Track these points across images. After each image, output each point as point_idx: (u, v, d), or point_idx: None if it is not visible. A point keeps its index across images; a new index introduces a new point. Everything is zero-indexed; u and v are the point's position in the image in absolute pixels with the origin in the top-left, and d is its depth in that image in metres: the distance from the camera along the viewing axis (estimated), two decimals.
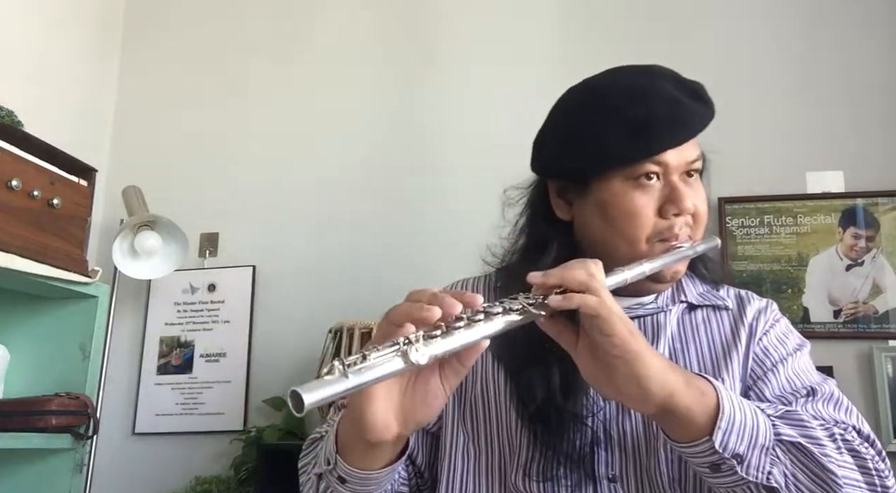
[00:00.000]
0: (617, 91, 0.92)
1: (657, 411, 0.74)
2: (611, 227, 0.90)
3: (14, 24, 2.17)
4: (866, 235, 2.00)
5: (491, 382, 0.93)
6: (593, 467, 0.87)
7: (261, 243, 2.35)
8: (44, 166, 1.80)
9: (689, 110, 0.90)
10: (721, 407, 0.74)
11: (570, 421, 0.86)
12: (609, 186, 0.90)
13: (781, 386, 0.89)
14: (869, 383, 1.90)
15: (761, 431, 0.75)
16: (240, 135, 2.47)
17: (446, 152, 2.29)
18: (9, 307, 1.96)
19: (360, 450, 0.77)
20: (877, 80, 2.10)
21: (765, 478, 0.74)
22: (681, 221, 0.90)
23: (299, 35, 2.51)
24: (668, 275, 0.91)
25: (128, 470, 2.23)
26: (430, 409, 0.72)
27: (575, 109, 0.95)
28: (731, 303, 0.98)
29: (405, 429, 0.73)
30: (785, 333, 0.97)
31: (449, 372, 0.72)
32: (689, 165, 0.91)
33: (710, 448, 0.73)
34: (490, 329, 0.69)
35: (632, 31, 2.27)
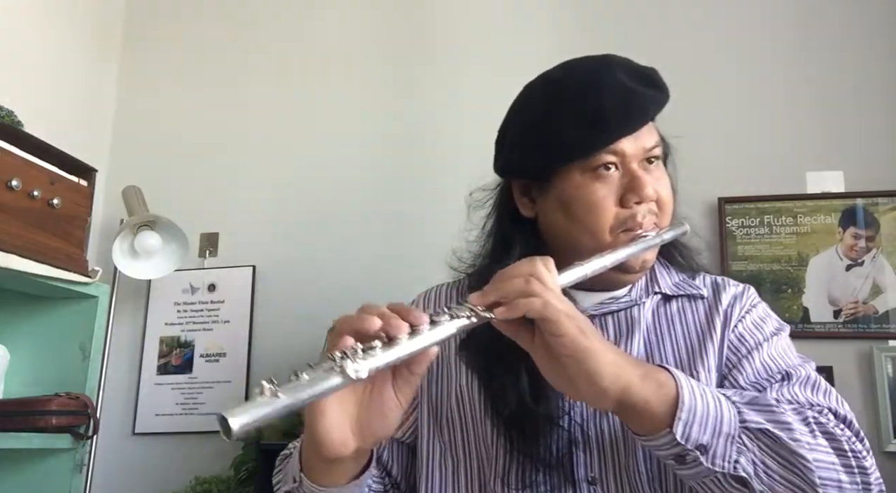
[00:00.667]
0: (569, 84, 0.92)
1: (615, 406, 0.73)
2: (573, 221, 0.90)
3: (14, 24, 2.17)
4: (866, 235, 2.00)
5: (465, 391, 0.92)
6: (572, 469, 0.86)
7: (261, 243, 2.35)
8: (44, 166, 1.80)
9: (641, 97, 0.89)
10: (681, 398, 0.73)
11: (544, 424, 0.85)
12: (568, 180, 0.90)
13: (756, 372, 0.88)
14: (869, 383, 1.90)
15: (725, 419, 0.74)
16: (240, 135, 2.47)
17: (446, 152, 2.29)
18: (9, 307, 1.96)
19: (321, 467, 0.76)
20: (877, 80, 2.10)
21: (731, 467, 0.73)
22: (643, 209, 0.89)
23: (299, 35, 2.51)
24: (636, 265, 0.90)
25: (128, 470, 2.23)
26: (387, 421, 0.71)
27: (529, 106, 0.96)
28: (706, 291, 0.97)
29: (364, 443, 0.72)
30: (762, 317, 0.95)
31: (401, 382, 0.71)
32: (647, 151, 0.90)
33: (672, 440, 0.72)
34: (436, 336, 0.68)
35: (629, 34, 2.27)
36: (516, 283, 0.72)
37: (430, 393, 0.96)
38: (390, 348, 0.65)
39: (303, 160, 2.40)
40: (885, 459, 1.83)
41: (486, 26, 2.38)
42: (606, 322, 0.94)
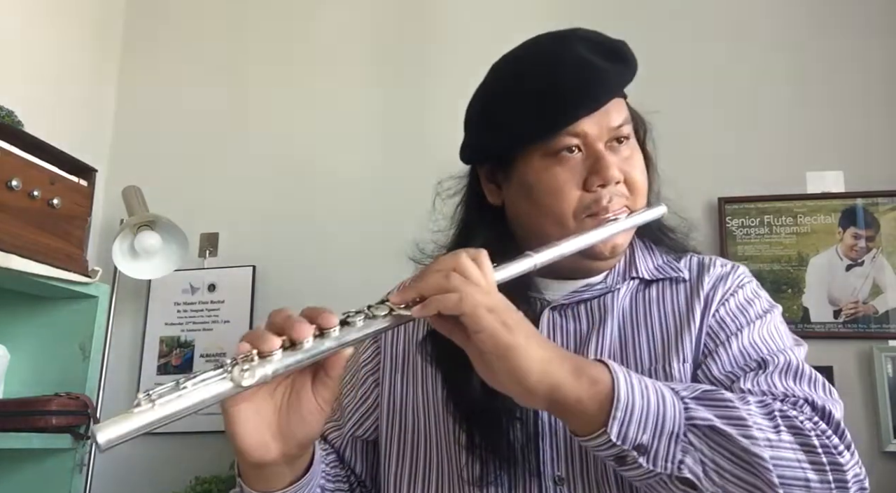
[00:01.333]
0: (526, 62, 0.88)
1: (546, 405, 0.69)
2: (536, 207, 0.85)
3: (14, 24, 2.17)
4: (866, 235, 2.00)
5: (430, 387, 0.89)
6: (538, 464, 0.81)
7: (261, 243, 2.35)
8: (44, 166, 1.80)
9: (601, 72, 0.83)
10: (616, 394, 0.67)
11: (501, 417, 0.81)
12: (530, 164, 0.85)
13: (733, 360, 0.82)
14: (869, 383, 1.90)
15: (668, 416, 0.68)
16: (240, 135, 2.47)
17: (448, 152, 2.28)
18: (9, 307, 1.96)
19: (251, 473, 0.74)
20: (877, 80, 2.10)
21: (675, 468, 0.67)
22: (609, 191, 0.83)
23: (299, 35, 2.51)
24: (605, 251, 0.85)
25: (128, 470, 2.23)
26: (309, 425, 0.69)
27: (490, 86, 0.92)
28: (688, 273, 0.91)
29: (288, 448, 0.69)
30: (749, 299, 0.88)
31: (319, 386, 0.68)
32: (612, 131, 0.85)
33: (608, 441, 0.67)
34: (346, 337, 0.65)
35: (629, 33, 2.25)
36: (435, 277, 0.68)
37: (392, 388, 0.93)
38: (290, 353, 0.62)
39: (303, 160, 2.40)
40: (885, 459, 1.84)
41: (486, 23, 2.38)
42: (579, 311, 0.89)
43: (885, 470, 1.83)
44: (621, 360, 0.85)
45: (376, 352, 0.97)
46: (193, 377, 0.58)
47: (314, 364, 0.67)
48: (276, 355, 0.61)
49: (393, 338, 0.96)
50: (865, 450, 1.84)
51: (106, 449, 0.53)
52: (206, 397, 0.58)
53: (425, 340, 0.89)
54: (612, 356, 0.85)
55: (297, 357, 0.62)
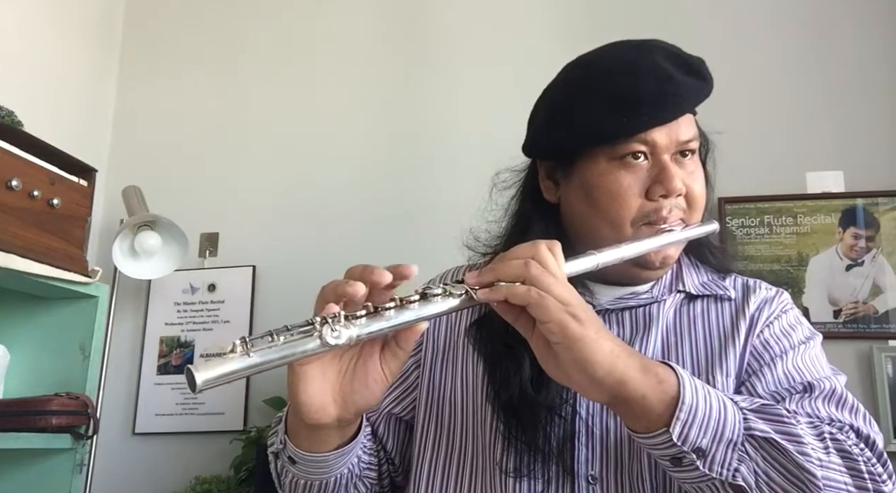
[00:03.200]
0: (605, 65, 0.88)
1: (610, 399, 0.69)
2: (595, 209, 0.86)
3: (14, 25, 2.17)
4: (866, 235, 2.00)
5: (470, 374, 0.90)
6: (573, 463, 0.82)
7: (261, 243, 2.35)
8: (44, 166, 1.80)
9: (680, 85, 0.84)
10: (681, 396, 0.68)
11: (542, 413, 0.82)
12: (594, 165, 0.86)
13: (777, 381, 0.83)
14: (869, 383, 1.90)
15: (728, 424, 0.69)
16: (240, 135, 2.47)
17: (446, 151, 2.29)
18: (9, 307, 1.96)
19: (303, 433, 0.76)
20: (877, 80, 2.10)
21: (731, 475, 0.68)
22: (669, 202, 0.84)
23: (299, 35, 2.51)
24: (656, 261, 0.86)
25: (128, 470, 2.23)
26: (371, 393, 0.71)
27: (562, 85, 0.92)
28: (734, 293, 0.92)
29: (346, 413, 0.71)
30: (792, 325, 0.90)
31: (389, 356, 0.71)
32: (681, 144, 0.86)
33: (668, 440, 0.68)
34: (425, 312, 0.66)
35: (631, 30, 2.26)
36: (514, 265, 0.70)
37: (432, 373, 0.94)
38: (374, 318, 0.63)
39: (303, 160, 2.40)
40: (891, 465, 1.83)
41: (486, 22, 2.38)
42: (623, 318, 0.90)
43: None
44: None
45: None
46: (286, 331, 0.60)
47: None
48: (361, 320, 0.63)
49: (436, 323, 0.96)
50: None
51: (201, 390, 0.55)
52: (297, 351, 0.60)
53: (472, 327, 0.90)
54: None
55: (380, 324, 0.64)
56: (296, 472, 0.80)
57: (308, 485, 0.82)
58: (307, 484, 0.82)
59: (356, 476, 0.86)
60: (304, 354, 0.61)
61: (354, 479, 0.86)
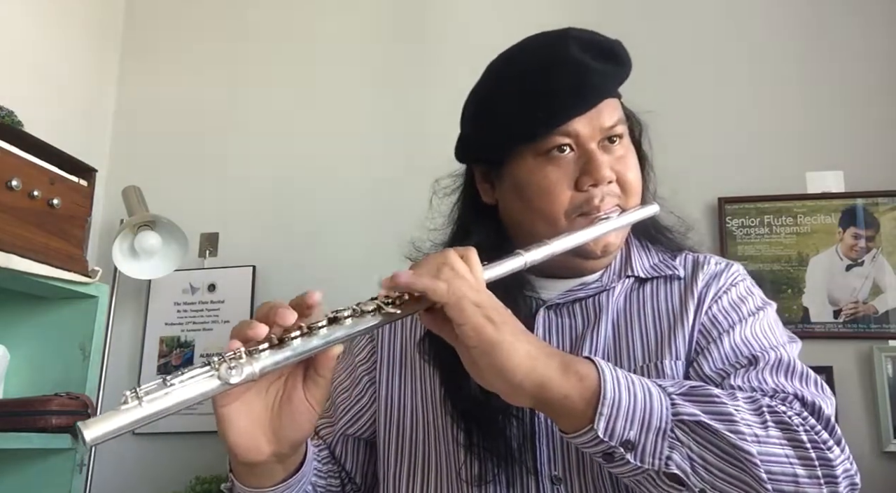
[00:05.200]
0: (519, 63, 0.88)
1: (533, 403, 0.69)
2: (528, 206, 0.86)
3: (14, 24, 2.17)
4: (866, 235, 2.00)
5: (428, 387, 0.90)
6: (535, 464, 0.82)
7: (261, 243, 2.35)
8: (44, 166, 1.80)
9: (594, 73, 0.83)
10: (603, 391, 0.67)
11: (499, 418, 0.81)
12: (522, 163, 0.86)
13: (724, 358, 0.82)
14: (869, 383, 1.90)
15: (655, 412, 0.68)
16: (240, 135, 2.47)
17: (446, 151, 2.28)
18: (9, 307, 1.96)
19: (243, 471, 0.74)
20: (876, 80, 2.10)
21: (663, 464, 0.67)
22: (601, 191, 0.84)
23: (300, 36, 2.51)
24: (597, 250, 0.86)
25: (128, 470, 2.23)
26: (300, 425, 0.69)
27: (484, 85, 0.93)
28: (683, 271, 0.91)
29: (280, 448, 0.70)
30: (742, 296, 0.88)
31: (311, 385, 0.69)
32: (605, 131, 0.85)
33: (595, 437, 0.67)
34: (333, 335, 0.65)
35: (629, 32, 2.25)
36: (425, 270, 0.70)
37: (390, 388, 0.93)
38: (278, 350, 0.62)
39: (303, 160, 2.40)
40: (885, 459, 1.83)
41: (486, 22, 2.38)
42: (574, 310, 0.89)
43: (885, 470, 1.83)
44: (615, 358, 0.86)
45: (372, 352, 0.97)
46: (181, 375, 0.58)
47: (304, 363, 0.68)
48: (263, 353, 0.61)
49: (390, 338, 0.96)
50: (865, 450, 1.84)
51: (92, 446, 0.53)
52: (194, 394, 0.58)
53: (424, 339, 0.90)
54: (605, 354, 0.86)
55: (285, 354, 0.62)
56: None
57: None
58: None
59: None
60: (205, 396, 0.59)
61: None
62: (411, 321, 0.94)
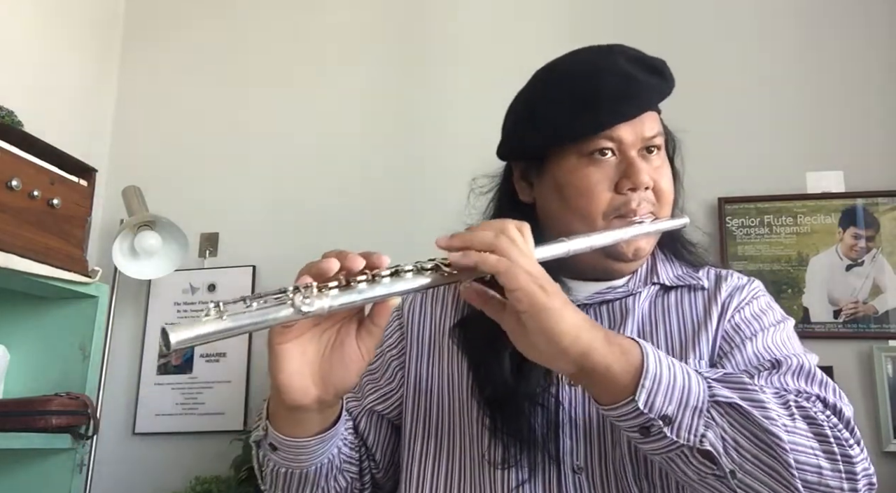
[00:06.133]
0: (570, 68, 0.93)
1: (576, 370, 0.71)
2: (567, 205, 0.89)
3: (14, 25, 2.17)
4: (866, 235, 2.00)
5: (455, 373, 0.93)
6: (557, 452, 0.84)
7: (261, 243, 2.35)
8: (44, 166, 1.80)
9: (641, 84, 0.88)
10: (645, 365, 0.70)
11: (524, 404, 0.84)
12: (564, 163, 0.90)
13: (746, 361, 0.85)
14: (869, 383, 1.90)
15: (693, 391, 0.70)
16: (240, 135, 2.47)
17: (446, 152, 2.29)
18: (9, 307, 1.96)
19: (284, 415, 0.77)
20: (877, 80, 2.10)
21: (698, 441, 0.69)
22: (638, 196, 0.88)
23: (299, 35, 2.51)
24: (628, 252, 0.89)
25: (128, 470, 2.23)
26: (349, 372, 0.72)
27: (531, 89, 0.97)
28: (707, 283, 0.95)
29: (326, 394, 0.72)
30: (762, 309, 0.92)
31: (364, 334, 0.72)
32: (646, 140, 0.90)
33: (635, 409, 0.69)
34: (396, 287, 0.68)
35: (629, 31, 2.25)
36: (485, 235, 0.72)
37: (418, 372, 0.96)
38: (346, 291, 0.65)
39: (303, 160, 2.40)
40: (885, 459, 1.84)
41: (487, 23, 2.38)
42: (601, 311, 0.93)
43: (885, 470, 1.83)
44: None
45: (401, 338, 1.00)
46: (259, 297, 0.61)
47: (359, 312, 0.72)
48: (332, 291, 0.64)
49: (419, 325, 0.99)
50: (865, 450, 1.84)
51: (174, 350, 0.56)
52: (269, 318, 0.61)
53: (455, 328, 0.94)
54: None
55: (351, 297, 0.65)
56: (277, 460, 0.81)
57: (288, 474, 0.83)
58: (288, 473, 0.82)
59: (336, 468, 0.87)
60: (277, 321, 0.62)
61: (335, 471, 0.87)
62: (440, 311, 0.98)
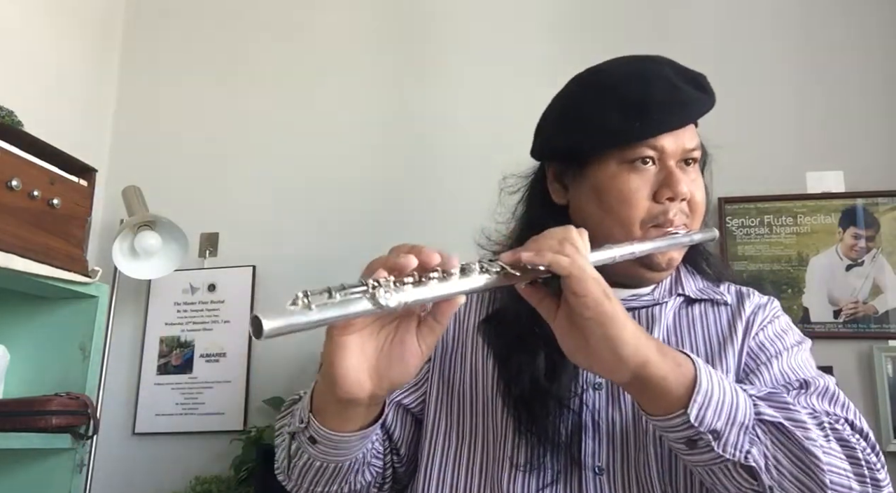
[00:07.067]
0: (617, 73, 0.93)
1: (631, 379, 0.72)
2: (605, 210, 0.90)
3: (14, 25, 2.17)
4: (866, 235, 2.00)
5: (480, 369, 0.93)
6: (580, 455, 0.85)
7: (261, 243, 2.35)
8: (44, 166, 1.80)
9: (688, 96, 0.90)
10: (698, 380, 0.72)
11: (553, 406, 0.85)
12: (605, 168, 0.90)
13: (774, 379, 0.87)
14: (869, 383, 1.90)
15: (741, 408, 0.72)
16: (240, 135, 2.47)
17: (446, 151, 2.29)
18: (9, 307, 1.96)
19: (332, 409, 0.76)
20: (877, 80, 2.10)
21: (743, 456, 0.71)
22: (675, 206, 0.89)
23: (299, 35, 2.51)
24: (662, 262, 0.90)
25: (128, 470, 2.23)
26: (407, 367, 0.72)
27: (575, 92, 0.97)
28: (730, 298, 0.96)
29: (380, 389, 0.72)
30: (784, 329, 0.94)
31: (426, 330, 0.72)
32: (686, 152, 0.91)
33: (686, 422, 0.71)
34: (465, 285, 0.68)
35: (629, 30, 2.27)
36: (549, 243, 0.74)
37: (442, 367, 0.96)
38: (420, 287, 0.66)
39: (303, 160, 2.40)
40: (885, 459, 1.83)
41: (486, 23, 2.38)
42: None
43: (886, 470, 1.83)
44: None
45: None
46: (342, 290, 0.61)
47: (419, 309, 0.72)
48: (407, 287, 0.65)
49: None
50: None
51: (265, 338, 0.57)
52: (350, 311, 0.61)
53: (483, 323, 0.95)
54: None
55: (424, 293, 0.66)
56: (313, 453, 0.80)
57: (322, 467, 0.82)
58: (322, 466, 0.82)
59: (366, 463, 0.87)
60: (360, 314, 0.62)
61: (364, 465, 0.87)
62: (465, 308, 0.99)
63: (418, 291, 0.65)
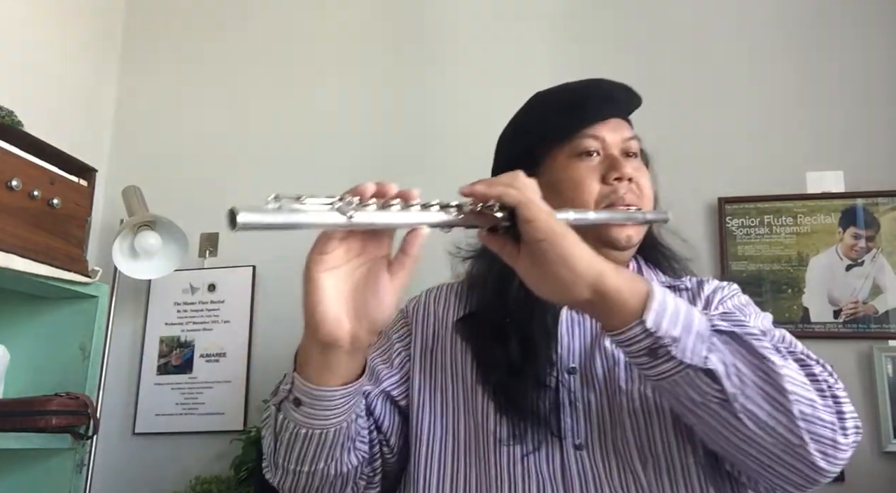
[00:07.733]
0: (558, 89, 1.07)
1: (591, 294, 0.75)
2: (561, 199, 0.95)
3: (14, 24, 2.17)
4: (866, 235, 2.00)
5: (459, 361, 0.99)
6: (559, 431, 0.90)
7: (261, 243, 2.35)
8: (44, 166, 1.80)
9: (618, 94, 1.04)
10: (652, 291, 0.75)
11: (531, 384, 0.91)
12: (555, 163, 1.01)
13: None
14: (869, 383, 1.90)
15: (696, 319, 0.76)
16: (240, 135, 2.47)
17: (446, 152, 2.29)
18: (9, 307, 1.96)
19: (316, 359, 0.78)
20: (877, 80, 2.10)
21: (702, 361, 0.74)
22: (624, 186, 0.98)
23: (299, 35, 2.51)
24: (622, 239, 0.97)
25: (128, 470, 2.23)
26: (382, 304, 0.75)
27: (523, 109, 1.10)
28: (690, 284, 1.04)
29: (360, 328, 0.75)
30: (744, 303, 1.00)
31: (396, 266, 0.75)
32: (624, 141, 1.01)
33: (644, 331, 0.74)
34: (426, 218, 0.72)
35: (629, 32, 2.27)
36: (500, 180, 0.78)
37: (423, 365, 1.01)
38: (382, 211, 0.70)
39: (303, 160, 2.40)
40: (885, 459, 1.83)
41: (486, 23, 2.38)
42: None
43: (885, 470, 1.83)
44: None
45: (408, 333, 1.06)
46: (313, 197, 0.64)
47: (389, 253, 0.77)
48: (371, 208, 0.69)
49: (423, 321, 1.06)
50: (865, 450, 1.83)
51: (238, 230, 0.59)
52: (316, 219, 0.64)
53: (460, 322, 1.01)
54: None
55: (387, 218, 0.70)
56: (299, 419, 0.81)
57: (308, 435, 0.83)
58: (308, 434, 0.83)
59: (352, 440, 0.88)
60: (327, 226, 0.67)
61: (349, 441, 0.88)
62: (443, 309, 1.06)
63: (381, 214, 0.69)
